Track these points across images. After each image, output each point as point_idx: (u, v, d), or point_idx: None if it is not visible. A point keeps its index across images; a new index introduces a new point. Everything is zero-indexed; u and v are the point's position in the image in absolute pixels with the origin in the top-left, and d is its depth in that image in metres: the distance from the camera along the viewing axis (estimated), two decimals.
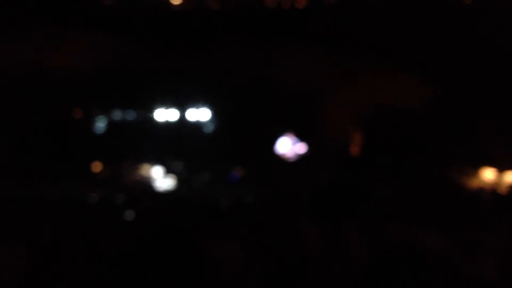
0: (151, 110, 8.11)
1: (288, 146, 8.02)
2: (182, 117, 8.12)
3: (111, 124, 8.19)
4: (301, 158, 7.99)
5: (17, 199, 7.23)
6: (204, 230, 6.85)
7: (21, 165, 7.70)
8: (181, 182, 7.92)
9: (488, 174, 7.93)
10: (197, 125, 8.13)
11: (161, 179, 7.95)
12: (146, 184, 7.87)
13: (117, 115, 8.23)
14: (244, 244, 6.71)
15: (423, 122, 7.77)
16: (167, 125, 8.08)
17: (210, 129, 8.17)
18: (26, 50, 7.83)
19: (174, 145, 8.08)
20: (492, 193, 7.67)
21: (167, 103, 8.10)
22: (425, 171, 7.50)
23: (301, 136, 8.04)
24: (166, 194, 7.75)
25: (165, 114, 8.11)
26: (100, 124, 8.20)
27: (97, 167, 8.01)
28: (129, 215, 7.14)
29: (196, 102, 8.12)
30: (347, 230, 6.95)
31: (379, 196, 7.31)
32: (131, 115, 8.21)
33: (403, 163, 7.61)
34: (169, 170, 7.99)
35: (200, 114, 8.15)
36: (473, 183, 7.82)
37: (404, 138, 7.74)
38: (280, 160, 7.96)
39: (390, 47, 7.99)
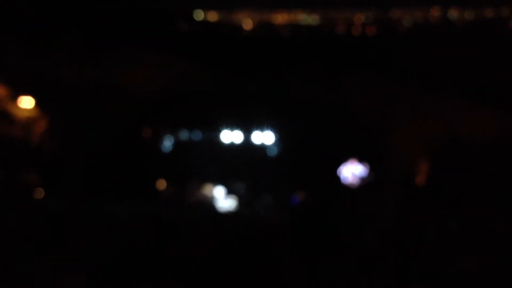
0: (217, 132, 8.23)
1: (351, 172, 7.95)
2: (247, 139, 8.20)
3: (178, 144, 8.36)
4: (364, 185, 7.90)
5: (87, 214, 7.46)
6: (264, 250, 6.86)
7: (90, 182, 7.95)
8: (242, 203, 7.97)
9: None
10: (261, 148, 8.18)
11: (223, 199, 8.03)
12: (208, 204, 7.96)
13: (184, 135, 8.39)
14: (303, 266, 6.66)
15: (492, 154, 7.55)
16: (232, 146, 8.18)
17: (273, 152, 8.21)
18: (99, 71, 8.12)
19: (238, 166, 8.15)
20: None
21: (233, 125, 8.20)
22: (493, 204, 7.26)
23: (365, 163, 7.96)
24: (227, 214, 7.81)
25: (230, 136, 8.22)
26: (168, 143, 8.38)
27: (162, 184, 8.17)
28: (191, 232, 7.23)
29: (261, 125, 8.19)
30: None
31: (445, 227, 7.14)
32: (197, 136, 8.36)
33: (471, 195, 7.40)
34: (231, 191, 8.07)
35: (264, 138, 8.21)
36: None
37: (473, 170, 7.53)
38: (343, 186, 7.89)
39: (461, 78, 7.85)
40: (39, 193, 7.85)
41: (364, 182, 7.88)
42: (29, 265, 6.57)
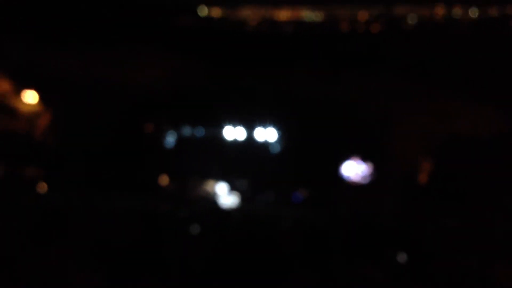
0: (219, 128, 8.24)
1: (354, 170, 7.96)
2: (250, 136, 8.20)
3: (181, 140, 8.37)
4: (367, 183, 7.90)
5: (89, 209, 7.48)
6: (266, 246, 6.88)
7: (93, 176, 7.96)
8: (244, 200, 7.97)
9: None
10: (264, 145, 8.19)
11: (225, 196, 8.04)
12: (210, 200, 7.97)
13: (187, 131, 8.40)
14: (306, 264, 6.68)
15: (494, 153, 7.55)
16: (234, 143, 8.18)
17: (276, 149, 8.22)
18: (102, 66, 8.12)
19: (240, 163, 8.16)
20: None
21: (236, 122, 8.21)
22: (495, 203, 7.26)
23: (368, 161, 7.96)
24: (229, 211, 7.82)
25: (233, 133, 8.22)
26: (170, 139, 8.39)
27: (164, 180, 8.18)
28: (193, 229, 7.25)
29: (264, 122, 8.19)
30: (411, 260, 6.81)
31: (446, 227, 7.14)
32: (200, 132, 8.37)
33: (473, 194, 7.40)
34: (233, 188, 8.08)
35: (267, 134, 8.22)
36: None
37: (475, 168, 7.53)
38: (344, 184, 7.90)
39: (465, 76, 7.84)
40: (42, 187, 7.87)
41: (367, 181, 7.88)
42: (31, 260, 6.59)
